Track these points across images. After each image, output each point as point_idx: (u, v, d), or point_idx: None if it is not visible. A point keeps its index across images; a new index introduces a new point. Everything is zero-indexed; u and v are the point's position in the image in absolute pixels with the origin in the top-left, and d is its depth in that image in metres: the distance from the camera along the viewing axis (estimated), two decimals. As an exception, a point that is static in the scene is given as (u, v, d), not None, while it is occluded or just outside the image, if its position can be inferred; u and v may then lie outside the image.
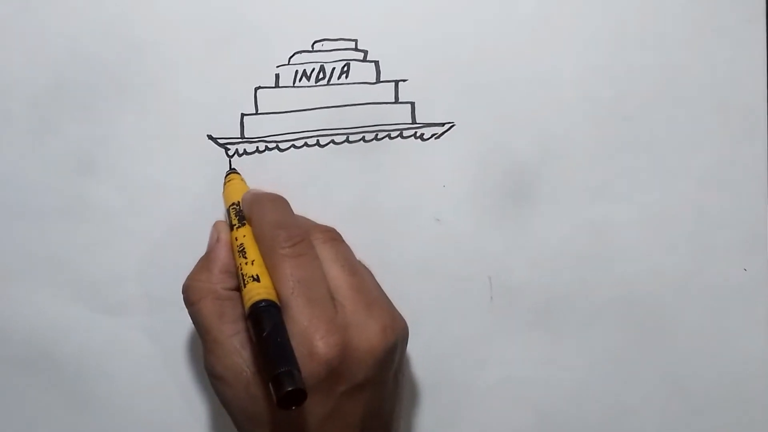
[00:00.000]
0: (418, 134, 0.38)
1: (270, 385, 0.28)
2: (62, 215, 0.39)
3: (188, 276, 0.35)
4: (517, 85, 0.38)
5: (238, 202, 0.37)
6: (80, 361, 0.41)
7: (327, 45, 0.38)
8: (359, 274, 0.34)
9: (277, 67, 0.38)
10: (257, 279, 0.32)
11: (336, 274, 0.33)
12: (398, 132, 0.38)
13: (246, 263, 0.33)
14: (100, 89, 0.38)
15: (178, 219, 0.39)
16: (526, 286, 0.40)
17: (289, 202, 0.37)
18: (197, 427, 0.41)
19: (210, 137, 0.38)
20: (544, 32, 0.38)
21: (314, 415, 0.32)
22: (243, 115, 0.38)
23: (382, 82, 0.38)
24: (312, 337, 0.31)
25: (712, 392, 0.40)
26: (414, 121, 0.38)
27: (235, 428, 0.34)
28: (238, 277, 0.34)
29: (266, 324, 0.30)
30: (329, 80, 0.38)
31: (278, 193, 0.37)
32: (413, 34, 0.38)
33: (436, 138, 0.39)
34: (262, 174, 0.39)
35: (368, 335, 0.32)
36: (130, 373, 0.41)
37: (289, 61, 0.38)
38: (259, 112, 0.38)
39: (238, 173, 0.39)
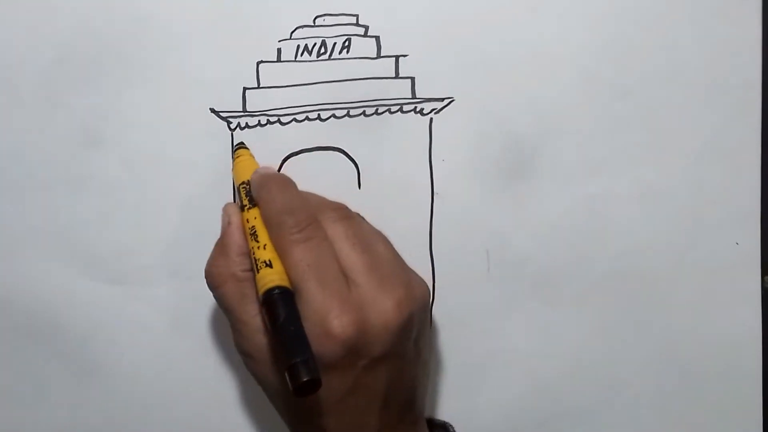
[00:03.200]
0: (417, 109, 0.39)
1: (286, 374, 0.29)
2: (68, 188, 0.40)
3: (207, 262, 0.35)
4: (517, 61, 0.39)
5: (248, 181, 0.37)
6: (86, 330, 0.41)
7: (328, 20, 0.38)
8: (371, 250, 0.34)
9: (279, 41, 0.38)
10: (270, 264, 0.32)
11: (347, 253, 0.33)
12: (398, 107, 0.39)
13: (258, 247, 0.33)
14: (105, 63, 0.39)
15: (181, 191, 0.40)
16: (524, 259, 0.40)
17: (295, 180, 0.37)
18: (200, 395, 0.42)
19: (212, 110, 0.39)
20: (543, 9, 0.38)
21: (337, 390, 0.32)
22: (245, 88, 0.39)
23: (382, 57, 0.38)
24: (326, 318, 0.31)
25: (704, 363, 0.41)
26: (414, 96, 0.39)
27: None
28: (251, 260, 0.34)
29: (280, 311, 0.31)
30: (330, 55, 0.38)
31: (284, 173, 0.37)
32: (414, 10, 0.38)
33: (435, 113, 0.39)
34: (263, 147, 0.39)
35: (382, 311, 0.32)
36: (135, 343, 0.41)
37: (290, 36, 0.38)
38: (261, 86, 0.39)
39: (247, 148, 0.38)
